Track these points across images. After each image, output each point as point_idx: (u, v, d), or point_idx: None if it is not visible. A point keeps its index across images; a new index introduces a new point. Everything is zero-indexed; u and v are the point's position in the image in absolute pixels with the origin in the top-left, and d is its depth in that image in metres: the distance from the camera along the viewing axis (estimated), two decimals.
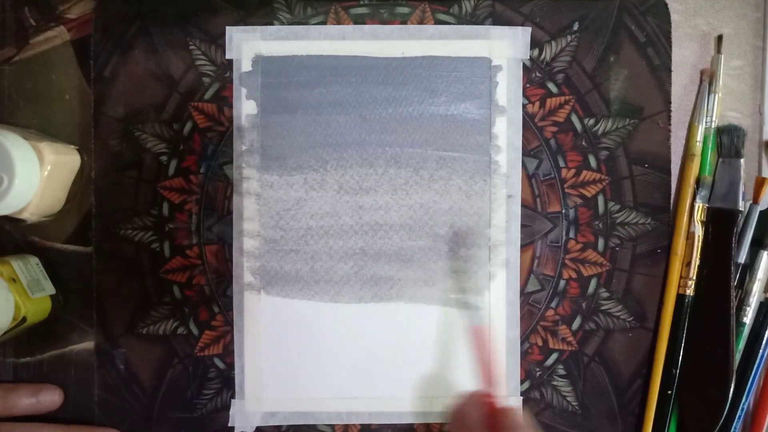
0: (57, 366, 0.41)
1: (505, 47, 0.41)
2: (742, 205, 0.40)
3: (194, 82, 0.41)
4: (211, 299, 0.41)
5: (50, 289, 0.40)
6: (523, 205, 0.41)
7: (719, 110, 0.41)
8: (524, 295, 0.41)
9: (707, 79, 0.41)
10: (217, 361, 0.41)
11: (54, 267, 0.41)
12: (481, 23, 0.41)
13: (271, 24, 0.41)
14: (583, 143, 0.41)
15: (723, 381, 0.39)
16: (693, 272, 0.40)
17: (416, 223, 0.41)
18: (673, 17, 0.41)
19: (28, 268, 0.39)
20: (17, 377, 0.41)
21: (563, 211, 0.41)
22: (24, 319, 0.37)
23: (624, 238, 0.41)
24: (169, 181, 0.41)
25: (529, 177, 0.41)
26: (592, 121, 0.41)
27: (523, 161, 0.41)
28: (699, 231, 0.40)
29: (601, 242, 0.41)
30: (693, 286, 0.40)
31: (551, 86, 0.41)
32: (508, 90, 0.41)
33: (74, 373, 0.41)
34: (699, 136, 0.41)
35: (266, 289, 0.41)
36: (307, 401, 0.41)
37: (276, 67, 0.41)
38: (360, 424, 0.41)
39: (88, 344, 0.41)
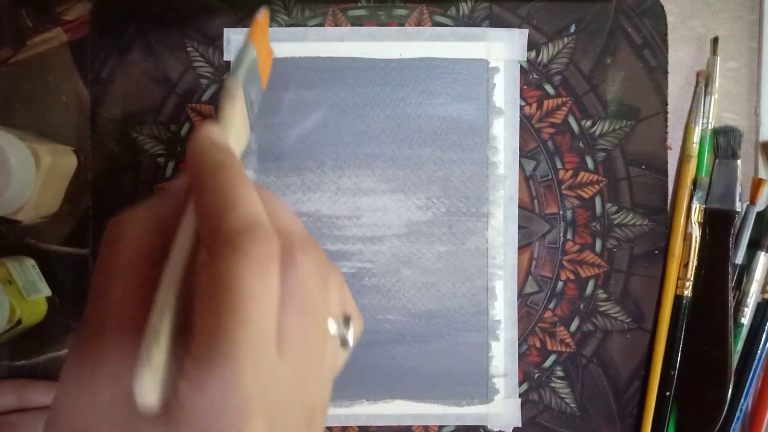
0: (52, 369, 0.41)
1: (502, 49, 0.41)
2: (739, 206, 0.40)
3: (192, 84, 0.41)
4: None
5: (46, 291, 0.40)
6: (521, 207, 0.41)
7: (715, 112, 0.41)
8: (522, 296, 0.41)
9: (703, 80, 0.41)
10: None
11: (50, 269, 0.41)
12: (479, 25, 0.41)
13: (269, 26, 0.41)
14: (581, 145, 0.41)
15: (721, 382, 0.39)
16: (690, 273, 0.40)
17: (414, 224, 0.41)
18: (669, 19, 0.41)
19: (24, 269, 0.39)
20: None
21: (561, 213, 0.41)
22: (19, 321, 0.37)
23: (621, 240, 0.41)
24: (167, 183, 0.41)
25: (526, 178, 0.41)
26: (589, 123, 0.41)
27: (520, 162, 0.41)
28: (696, 232, 0.40)
29: (598, 243, 0.41)
30: (690, 287, 0.40)
31: (548, 88, 0.41)
32: (505, 92, 0.41)
33: None
34: (695, 138, 0.41)
35: None
36: None
37: (274, 68, 0.41)
38: (358, 426, 0.41)
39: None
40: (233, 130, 0.24)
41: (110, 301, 0.19)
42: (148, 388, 0.17)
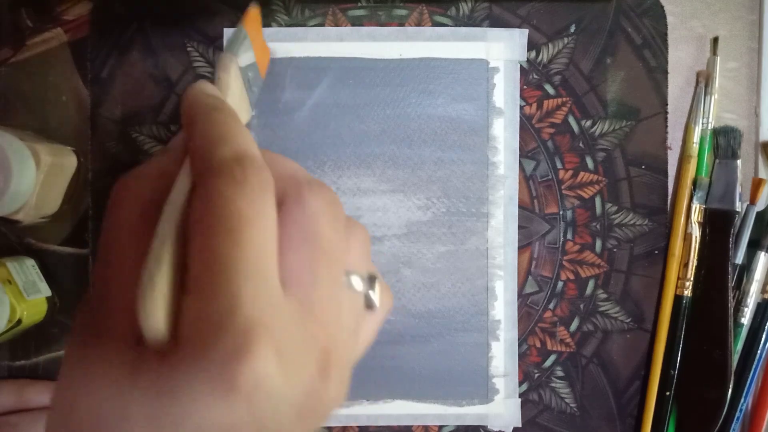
0: (52, 369, 0.41)
1: (502, 49, 0.41)
2: (739, 206, 0.40)
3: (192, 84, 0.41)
4: None
5: (46, 291, 0.40)
6: (521, 207, 0.41)
7: (715, 112, 0.41)
8: (522, 296, 0.41)
9: (703, 80, 0.41)
10: None
11: (50, 269, 0.41)
12: (479, 25, 0.41)
13: (269, 26, 0.41)
14: (580, 145, 0.41)
15: (721, 382, 0.39)
16: (690, 273, 0.40)
17: (414, 224, 0.41)
18: (669, 19, 0.41)
19: (24, 269, 0.39)
20: None
21: (561, 213, 0.41)
22: (19, 321, 0.37)
23: (621, 240, 0.41)
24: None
25: (526, 178, 0.41)
26: (589, 123, 0.41)
27: (520, 163, 0.41)
28: (696, 232, 0.40)
29: (598, 243, 0.41)
30: (690, 288, 0.40)
31: (548, 88, 0.41)
32: (505, 92, 0.41)
33: None
34: (695, 138, 0.41)
35: None
36: None
37: (274, 68, 0.41)
38: (358, 426, 0.41)
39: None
40: (229, 98, 0.24)
41: (115, 253, 0.18)
42: (153, 312, 0.16)
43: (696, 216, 0.40)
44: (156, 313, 0.16)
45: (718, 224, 0.40)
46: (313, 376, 0.17)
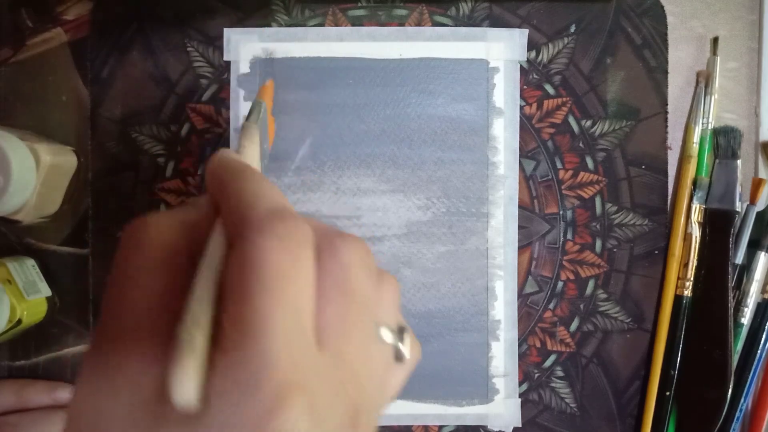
0: (52, 369, 0.41)
1: (502, 49, 0.41)
2: (739, 206, 0.40)
3: (192, 84, 0.41)
4: None
5: (46, 291, 0.40)
6: (521, 207, 0.41)
7: (715, 112, 0.41)
8: (522, 296, 0.41)
9: (703, 80, 0.41)
10: None
11: (50, 269, 0.41)
12: (479, 25, 0.41)
13: (269, 26, 0.41)
14: (581, 145, 0.41)
15: (721, 382, 0.39)
16: (690, 273, 0.40)
17: (414, 224, 0.41)
18: (669, 19, 0.41)
19: (24, 269, 0.39)
20: None
21: (561, 213, 0.41)
22: (19, 321, 0.37)
23: (621, 240, 0.41)
24: (167, 183, 0.41)
25: (526, 178, 0.41)
26: (589, 123, 0.41)
27: (520, 163, 0.41)
28: (696, 232, 0.40)
29: (598, 243, 0.41)
30: (690, 287, 0.40)
31: (548, 88, 0.41)
32: (505, 92, 0.41)
33: (70, 376, 0.41)
34: (695, 138, 0.41)
35: None
36: None
37: (274, 68, 0.41)
38: None
39: (84, 347, 0.41)
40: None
41: (130, 304, 0.17)
42: (189, 377, 0.15)
43: (696, 216, 0.40)
44: (192, 379, 0.15)
45: (718, 224, 0.40)
46: (344, 430, 0.17)
